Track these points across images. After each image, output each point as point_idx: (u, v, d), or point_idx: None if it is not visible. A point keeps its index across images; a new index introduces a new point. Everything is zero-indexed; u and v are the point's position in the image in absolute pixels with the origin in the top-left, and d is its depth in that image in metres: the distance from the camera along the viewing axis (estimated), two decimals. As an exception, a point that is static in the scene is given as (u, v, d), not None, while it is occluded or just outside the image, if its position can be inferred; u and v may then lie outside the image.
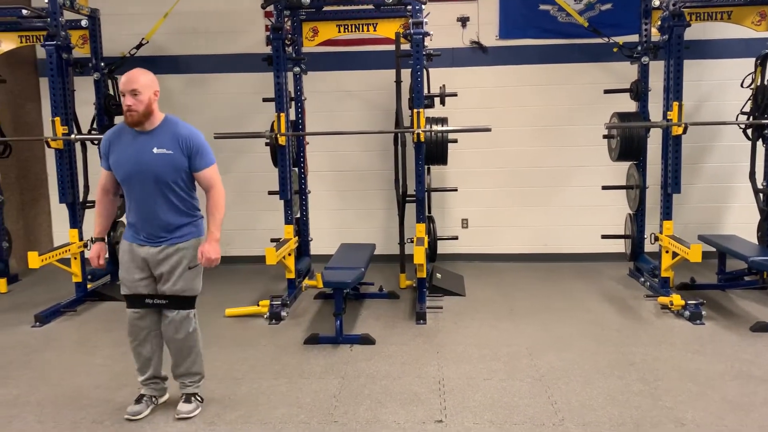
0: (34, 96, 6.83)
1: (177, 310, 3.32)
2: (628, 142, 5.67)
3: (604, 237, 6.17)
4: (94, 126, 5.89)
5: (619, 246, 6.29)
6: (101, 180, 3.38)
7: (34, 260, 4.86)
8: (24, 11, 5.41)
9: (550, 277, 6.20)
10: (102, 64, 5.85)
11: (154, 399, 3.49)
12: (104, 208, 3.42)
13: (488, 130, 5.12)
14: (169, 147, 3.20)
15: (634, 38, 5.86)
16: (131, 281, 3.31)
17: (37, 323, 4.95)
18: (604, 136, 5.93)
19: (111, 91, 5.94)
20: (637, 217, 5.93)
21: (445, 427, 3.23)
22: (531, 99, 6.62)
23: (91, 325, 5.02)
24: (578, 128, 6.61)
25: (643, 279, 5.75)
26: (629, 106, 5.93)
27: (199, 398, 3.48)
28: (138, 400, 3.43)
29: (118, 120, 6.01)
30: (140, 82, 3.15)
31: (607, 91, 6.01)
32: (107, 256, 3.50)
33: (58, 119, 5.22)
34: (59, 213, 6.83)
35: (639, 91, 5.77)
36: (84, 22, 5.73)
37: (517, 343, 4.39)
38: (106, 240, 3.47)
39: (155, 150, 3.19)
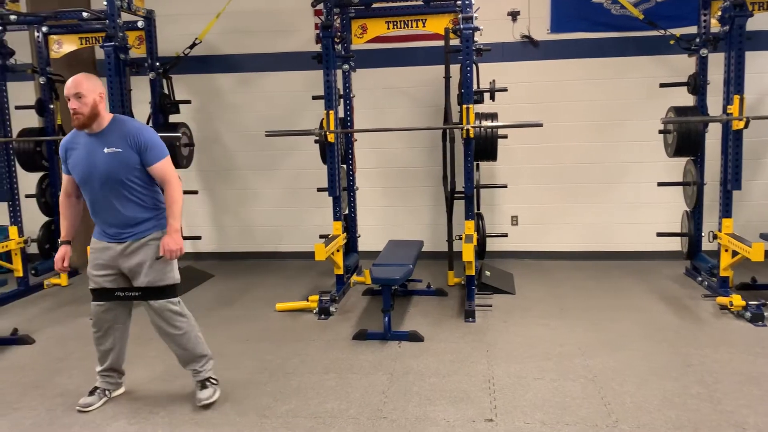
0: (93, 96, 7.05)
1: (155, 300, 3.40)
2: (685, 137, 5.48)
3: (659, 235, 6.00)
4: (150, 124, 6.04)
5: (675, 244, 6.11)
6: (63, 185, 3.50)
7: (94, 255, 5.02)
8: (84, 14, 5.59)
9: (603, 275, 6.07)
10: (157, 63, 6.00)
11: (107, 392, 3.60)
12: (68, 212, 3.52)
13: (539, 125, 5.04)
14: (118, 145, 3.26)
15: (691, 30, 5.67)
16: (97, 277, 3.42)
17: (92, 318, 5.11)
18: (660, 131, 5.76)
19: (165, 90, 6.09)
20: (695, 215, 5.74)
21: (496, 426, 3.20)
22: (583, 94, 6.49)
23: (145, 318, 5.12)
24: (632, 123, 6.44)
25: (700, 278, 5.57)
26: (686, 99, 5.74)
27: (213, 381, 3.57)
28: (91, 392, 3.56)
29: (173, 119, 6.18)
30: (84, 86, 3.22)
31: (663, 85, 5.83)
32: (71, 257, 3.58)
33: (115, 118, 5.37)
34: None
35: (697, 84, 5.57)
36: (140, 23, 5.89)
37: (568, 343, 4.31)
38: (71, 243, 3.56)
39: (106, 150, 3.26)
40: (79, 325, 4.96)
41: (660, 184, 5.95)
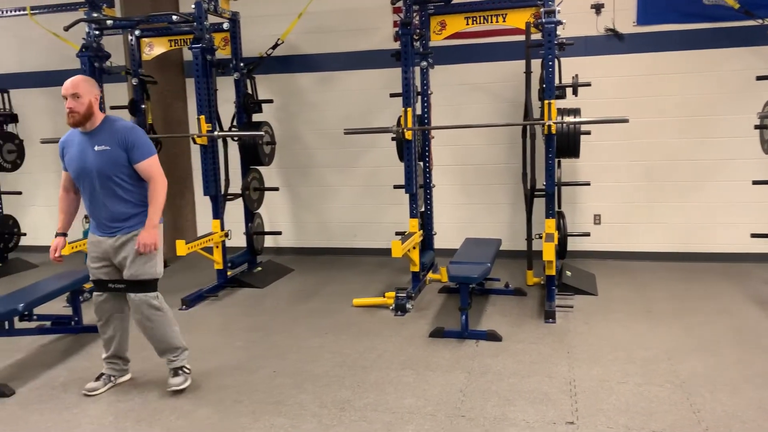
0: (181, 95, 7.37)
1: (135, 293, 3.56)
2: (784, 133, 5.17)
3: (753, 236, 5.68)
4: (234, 123, 6.25)
5: (772, 246, 5.77)
6: (62, 180, 3.68)
7: (182, 248, 5.25)
8: (174, 17, 5.83)
9: (691, 277, 5.80)
10: (241, 64, 6.18)
11: (112, 378, 3.78)
12: (66, 206, 3.71)
13: (625, 121, 4.87)
14: (107, 144, 3.45)
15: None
16: (94, 269, 3.63)
17: (184, 306, 5.36)
18: (756, 127, 5.44)
19: (249, 90, 6.27)
20: (794, 215, 5.39)
21: (577, 429, 3.12)
22: (672, 88, 6.21)
23: (231, 309, 5.35)
24: (725, 118, 6.12)
25: (800, 283, 5.23)
26: (786, 92, 5.40)
27: (186, 370, 3.72)
28: (97, 378, 3.75)
29: (256, 118, 6.36)
30: (82, 87, 3.41)
31: (759, 78, 5.51)
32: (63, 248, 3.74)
33: (203, 117, 5.59)
34: (202, 204, 7.34)
35: (798, 76, 5.23)
36: (225, 25, 6.09)
37: (654, 346, 4.14)
38: (66, 235, 3.74)
39: (96, 148, 3.45)
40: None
41: (755, 183, 5.66)
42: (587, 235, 5.93)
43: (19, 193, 7.29)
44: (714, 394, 3.43)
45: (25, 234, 7.38)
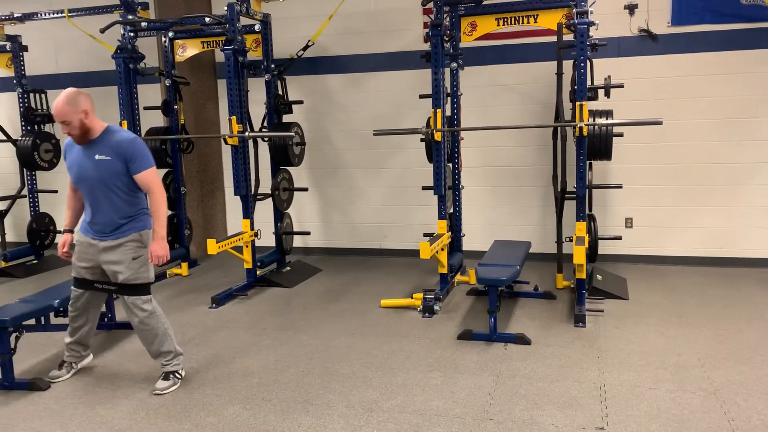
0: (213, 96, 7.47)
1: (128, 296, 3.66)
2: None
3: (792, 241, 5.54)
4: (265, 124, 6.30)
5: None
6: (69, 180, 3.77)
7: (212, 247, 5.31)
8: (207, 19, 5.91)
9: (727, 283, 5.67)
10: (272, 65, 6.23)
11: (73, 365, 3.98)
12: (73, 204, 3.84)
13: (659, 123, 4.79)
14: (108, 154, 3.54)
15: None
16: (78, 267, 3.74)
17: (214, 305, 5.42)
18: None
19: (280, 91, 6.32)
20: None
21: (607, 435, 3.08)
22: (707, 89, 6.09)
23: (260, 308, 5.40)
24: (763, 121, 5.98)
25: (840, 290, 5.09)
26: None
27: (177, 375, 3.80)
28: (60, 366, 3.94)
29: (286, 119, 6.41)
30: (65, 113, 3.45)
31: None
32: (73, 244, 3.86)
33: (234, 118, 5.65)
34: (233, 204, 7.42)
35: (841, 77, 5.09)
36: (257, 27, 6.15)
37: (687, 353, 4.07)
38: (72, 231, 3.84)
39: (96, 157, 3.54)
40: (197, 313, 5.27)
41: (794, 187, 5.50)
42: (618, 238, 5.85)
43: (55, 191, 7.46)
44: (749, 402, 3.36)
45: (60, 232, 7.54)
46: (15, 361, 3.85)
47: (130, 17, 6.02)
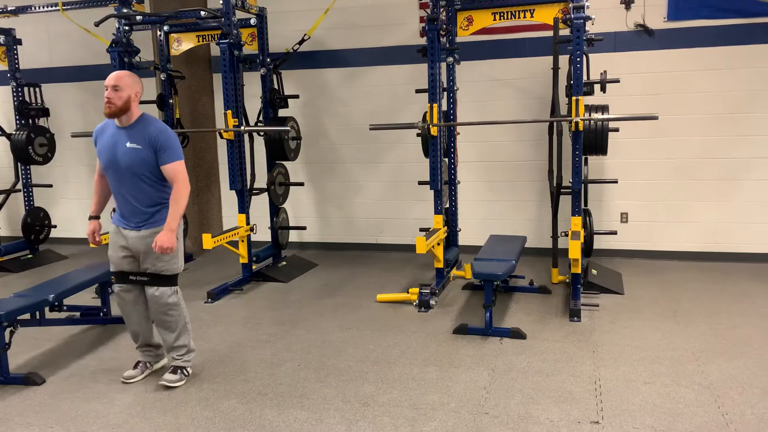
0: (208, 91, 7.43)
1: (156, 287, 3.64)
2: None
3: (787, 236, 5.56)
4: (260, 118, 6.29)
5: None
6: (97, 165, 3.76)
7: (208, 242, 5.29)
8: (202, 12, 5.88)
9: (722, 277, 5.69)
10: (268, 59, 6.21)
11: (148, 365, 3.88)
12: (100, 189, 3.81)
13: (655, 118, 4.79)
14: (139, 143, 3.52)
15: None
16: (116, 259, 3.69)
17: (209, 300, 5.42)
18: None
19: (275, 86, 6.30)
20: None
21: (602, 428, 3.09)
22: (703, 85, 6.10)
23: (256, 303, 5.39)
24: (759, 116, 5.99)
25: (834, 285, 5.11)
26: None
27: (185, 372, 3.77)
28: (135, 366, 3.85)
29: (282, 113, 6.39)
30: (124, 81, 3.51)
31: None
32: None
33: (229, 112, 5.63)
34: (228, 199, 7.41)
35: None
36: (253, 21, 6.13)
37: (682, 347, 4.08)
38: (99, 218, 3.83)
39: (128, 144, 3.53)
40: (193, 307, 5.23)
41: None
42: (614, 233, 5.86)
43: (50, 186, 7.43)
44: (743, 396, 3.38)
45: (55, 226, 7.52)
46: (9, 355, 3.84)
47: (125, 10, 5.98)
